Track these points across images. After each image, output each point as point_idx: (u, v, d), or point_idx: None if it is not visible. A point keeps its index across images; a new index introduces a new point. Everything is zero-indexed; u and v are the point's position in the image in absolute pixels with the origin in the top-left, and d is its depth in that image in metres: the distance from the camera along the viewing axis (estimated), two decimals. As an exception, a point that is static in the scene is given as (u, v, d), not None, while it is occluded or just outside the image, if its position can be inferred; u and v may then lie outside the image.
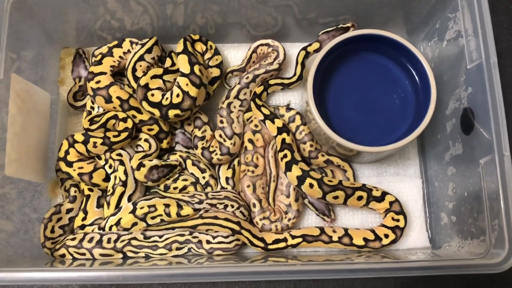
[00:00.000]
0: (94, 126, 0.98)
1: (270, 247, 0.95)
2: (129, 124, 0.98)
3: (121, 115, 0.99)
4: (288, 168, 0.96)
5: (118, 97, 0.97)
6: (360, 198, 0.95)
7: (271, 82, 1.05)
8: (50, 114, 1.05)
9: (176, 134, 1.05)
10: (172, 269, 0.78)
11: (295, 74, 1.05)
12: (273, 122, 1.00)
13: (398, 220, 0.97)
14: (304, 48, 1.05)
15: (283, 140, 0.98)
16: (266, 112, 1.01)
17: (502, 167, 0.78)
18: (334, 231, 0.96)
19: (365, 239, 0.95)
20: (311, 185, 0.94)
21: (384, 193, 0.97)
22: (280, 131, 0.99)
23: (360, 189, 0.96)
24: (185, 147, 1.05)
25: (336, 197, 0.95)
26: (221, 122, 1.02)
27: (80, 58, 1.09)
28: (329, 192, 0.94)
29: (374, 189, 0.97)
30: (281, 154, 0.98)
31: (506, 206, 0.76)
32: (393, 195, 0.98)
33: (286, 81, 1.05)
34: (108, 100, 0.97)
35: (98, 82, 0.98)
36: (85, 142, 0.96)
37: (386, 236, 0.96)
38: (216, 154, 0.99)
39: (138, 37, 1.05)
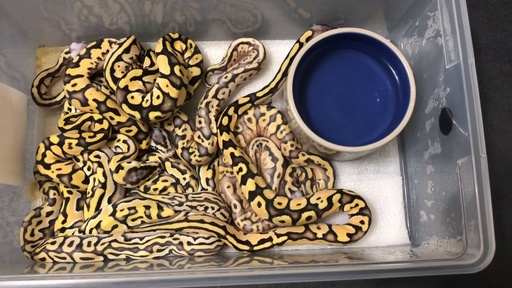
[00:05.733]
0: (68, 127, 0.97)
1: (256, 248, 0.96)
2: (105, 125, 0.97)
3: (97, 116, 0.97)
4: (243, 181, 0.95)
5: (94, 100, 0.96)
6: (309, 218, 0.94)
7: (259, 94, 1.02)
8: (27, 115, 1.04)
9: (153, 129, 1.03)
10: (152, 274, 0.77)
11: (275, 76, 1.03)
12: (221, 134, 0.98)
13: (357, 205, 0.97)
14: (297, 40, 1.04)
15: (232, 154, 0.96)
16: (224, 122, 0.99)
17: (479, 168, 0.79)
18: (318, 228, 0.97)
19: (348, 235, 0.96)
20: (259, 204, 0.93)
21: (329, 198, 0.95)
22: (225, 145, 0.97)
23: (306, 210, 0.93)
24: (155, 142, 1.01)
25: (282, 221, 0.94)
26: (200, 122, 1.01)
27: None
28: (275, 216, 0.93)
29: (319, 202, 0.94)
30: (236, 168, 0.96)
31: (481, 208, 0.77)
32: (337, 192, 0.96)
33: (272, 85, 1.02)
34: (84, 103, 0.96)
35: (74, 85, 0.96)
36: (60, 144, 0.94)
37: (362, 222, 0.97)
38: (195, 156, 0.99)
39: (116, 36, 1.03)
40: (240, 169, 0.95)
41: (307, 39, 1.03)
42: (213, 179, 1.01)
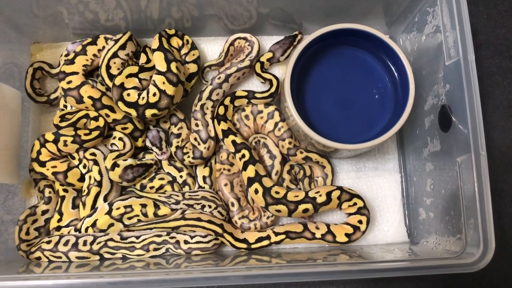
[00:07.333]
0: (64, 124, 0.96)
1: (253, 246, 0.95)
2: (101, 122, 0.96)
3: (93, 113, 0.96)
4: (245, 167, 0.95)
5: (89, 97, 0.95)
6: (305, 210, 0.93)
7: (258, 95, 1.01)
8: (22, 112, 1.02)
9: (150, 129, 1.01)
10: (148, 274, 0.77)
11: (270, 81, 1.02)
12: (219, 124, 0.98)
13: (355, 204, 0.96)
14: (258, 60, 1.04)
15: (234, 141, 0.97)
16: (221, 112, 0.99)
17: (479, 166, 0.78)
18: (317, 228, 0.96)
19: (347, 235, 0.95)
20: (256, 191, 0.93)
21: (329, 193, 0.94)
22: (225, 133, 0.97)
23: (303, 202, 0.93)
24: (151, 142, 1.00)
25: (278, 211, 0.94)
26: (196, 125, 0.99)
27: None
28: (271, 204, 0.93)
29: (318, 196, 0.94)
30: (239, 155, 0.96)
31: (481, 206, 0.76)
32: (337, 189, 0.95)
33: (273, 89, 1.01)
34: (80, 100, 0.95)
35: (69, 82, 0.95)
36: (55, 141, 0.93)
37: (360, 222, 0.96)
38: (188, 157, 0.97)
39: (112, 32, 1.02)
40: (243, 156, 0.95)
41: (268, 59, 1.04)
42: (210, 177, 1.00)
